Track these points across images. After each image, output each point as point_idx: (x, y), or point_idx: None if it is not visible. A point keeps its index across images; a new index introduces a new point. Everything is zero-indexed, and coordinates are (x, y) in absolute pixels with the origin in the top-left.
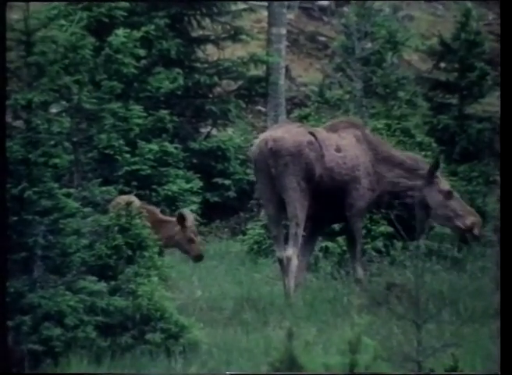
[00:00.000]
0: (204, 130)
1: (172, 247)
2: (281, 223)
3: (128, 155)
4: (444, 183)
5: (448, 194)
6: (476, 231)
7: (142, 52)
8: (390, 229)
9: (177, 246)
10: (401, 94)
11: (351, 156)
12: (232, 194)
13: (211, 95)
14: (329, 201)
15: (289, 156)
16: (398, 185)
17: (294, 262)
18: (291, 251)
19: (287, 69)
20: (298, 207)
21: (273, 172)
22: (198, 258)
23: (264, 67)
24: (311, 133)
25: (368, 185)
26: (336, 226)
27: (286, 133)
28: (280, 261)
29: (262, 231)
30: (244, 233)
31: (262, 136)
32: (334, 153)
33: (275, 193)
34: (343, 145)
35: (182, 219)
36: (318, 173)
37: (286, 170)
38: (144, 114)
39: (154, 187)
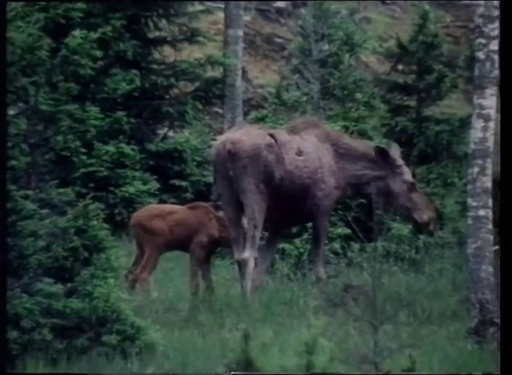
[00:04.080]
0: (160, 132)
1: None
2: (240, 225)
3: (85, 157)
4: (408, 174)
5: (411, 186)
6: (431, 227)
7: (99, 54)
8: (347, 230)
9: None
10: (359, 96)
11: (313, 159)
12: (189, 195)
13: (167, 97)
14: (290, 204)
15: (247, 158)
16: (362, 177)
17: (251, 264)
18: (248, 254)
19: (244, 71)
20: (256, 209)
21: (231, 174)
22: None
23: (221, 69)
24: (271, 136)
25: (335, 183)
26: (294, 228)
27: (244, 135)
28: (238, 263)
29: None
30: None
31: (221, 138)
32: (295, 156)
33: (234, 195)
34: (305, 148)
35: None
36: (279, 176)
37: (244, 173)
38: (101, 115)
39: (111, 188)
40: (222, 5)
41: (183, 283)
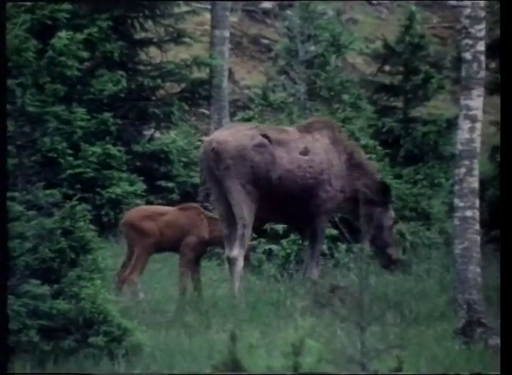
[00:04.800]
0: (147, 133)
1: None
2: (232, 223)
3: (71, 158)
4: (393, 211)
5: (394, 223)
6: (398, 265)
7: (85, 55)
8: (334, 231)
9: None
10: (345, 97)
11: (320, 159)
12: (175, 196)
13: (154, 98)
14: (292, 204)
15: (230, 160)
16: (362, 194)
17: (240, 263)
18: (237, 252)
19: (230, 72)
20: (245, 209)
21: (216, 173)
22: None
23: (208, 70)
24: (264, 136)
25: (340, 187)
26: (280, 229)
27: (231, 136)
28: (229, 260)
29: None
30: None
31: (209, 137)
32: (298, 156)
33: (223, 193)
34: (314, 148)
35: None
36: (276, 176)
37: (227, 173)
38: (88, 117)
39: (98, 190)
40: (208, 6)
41: (170, 284)
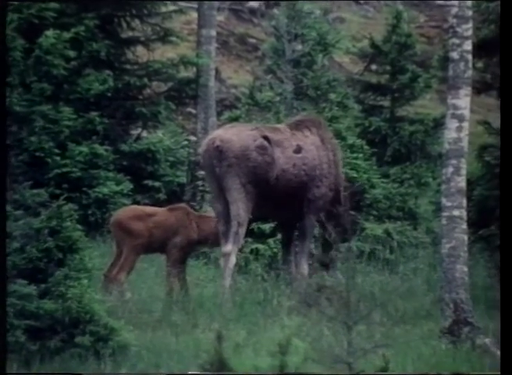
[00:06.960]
0: (134, 132)
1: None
2: (230, 220)
3: (58, 158)
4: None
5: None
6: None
7: (72, 54)
8: (321, 230)
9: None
10: (332, 96)
11: (312, 156)
12: (162, 196)
13: (141, 97)
14: (290, 201)
15: (233, 158)
16: (337, 194)
17: (233, 259)
18: (230, 247)
19: (217, 71)
20: (241, 207)
21: (217, 171)
22: None
23: (194, 69)
24: (265, 137)
25: (329, 185)
26: (267, 229)
27: (234, 135)
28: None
29: None
30: None
31: (212, 134)
32: (292, 154)
33: (222, 191)
34: (305, 145)
35: None
36: (274, 176)
37: (229, 171)
38: (74, 116)
39: (85, 189)
40: (195, 5)
41: (156, 283)
